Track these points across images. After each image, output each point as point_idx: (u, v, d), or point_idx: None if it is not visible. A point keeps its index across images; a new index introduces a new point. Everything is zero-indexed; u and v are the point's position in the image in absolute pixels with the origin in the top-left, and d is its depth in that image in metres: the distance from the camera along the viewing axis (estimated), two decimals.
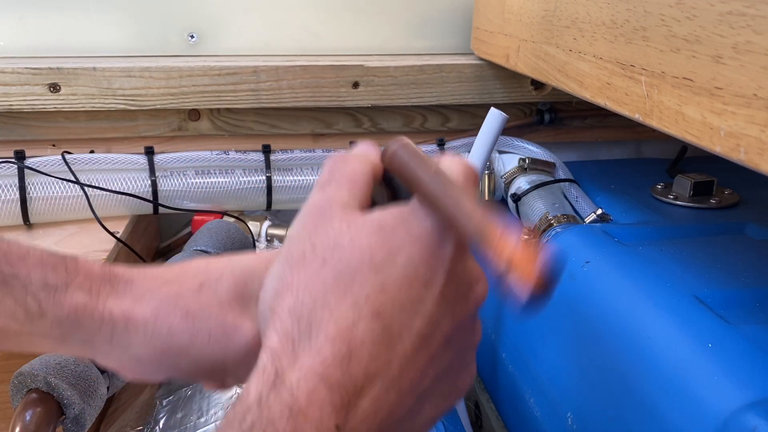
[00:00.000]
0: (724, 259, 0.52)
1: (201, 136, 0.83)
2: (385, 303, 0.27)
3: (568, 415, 0.54)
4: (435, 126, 0.87)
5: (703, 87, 0.34)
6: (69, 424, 0.44)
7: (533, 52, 0.61)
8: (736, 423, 0.36)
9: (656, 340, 0.44)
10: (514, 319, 0.68)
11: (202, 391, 0.52)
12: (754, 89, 0.30)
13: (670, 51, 0.37)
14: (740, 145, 0.31)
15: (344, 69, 0.79)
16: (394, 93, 0.81)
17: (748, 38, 0.30)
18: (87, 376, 0.45)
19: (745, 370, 0.38)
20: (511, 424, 0.73)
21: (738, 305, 0.46)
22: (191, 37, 0.84)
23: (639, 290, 0.49)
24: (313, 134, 0.86)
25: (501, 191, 0.80)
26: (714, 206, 0.64)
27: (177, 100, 0.77)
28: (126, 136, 0.81)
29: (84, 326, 0.32)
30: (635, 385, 0.44)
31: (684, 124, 0.36)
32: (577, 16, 0.50)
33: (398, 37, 0.89)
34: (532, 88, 0.84)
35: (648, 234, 0.58)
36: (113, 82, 0.75)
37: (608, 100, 0.45)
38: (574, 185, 0.73)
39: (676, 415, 0.40)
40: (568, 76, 0.52)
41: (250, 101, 0.78)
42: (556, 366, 0.57)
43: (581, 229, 0.60)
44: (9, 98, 0.74)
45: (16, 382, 0.44)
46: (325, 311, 0.26)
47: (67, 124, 0.79)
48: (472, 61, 0.82)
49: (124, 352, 0.33)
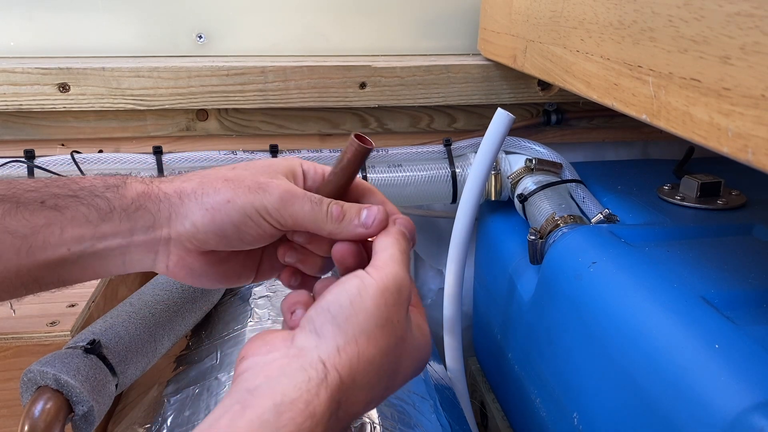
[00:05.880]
0: (731, 261, 0.52)
1: (209, 136, 0.83)
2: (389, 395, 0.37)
3: (574, 415, 0.54)
4: (442, 126, 0.87)
5: (711, 88, 0.34)
6: (78, 422, 0.45)
7: (540, 53, 0.61)
8: (743, 424, 0.36)
9: (663, 341, 0.44)
10: (521, 320, 0.68)
11: (210, 390, 0.53)
12: (762, 90, 0.30)
13: (678, 52, 0.37)
14: (748, 146, 0.31)
15: (351, 69, 0.79)
16: (401, 93, 0.81)
17: (756, 39, 0.30)
18: (96, 374, 0.45)
19: (752, 371, 0.38)
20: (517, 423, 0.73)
21: (745, 306, 0.46)
22: (199, 38, 0.84)
23: (645, 291, 0.49)
24: (321, 134, 0.86)
25: (507, 192, 0.80)
26: (721, 207, 0.64)
27: (185, 100, 0.77)
28: (134, 136, 0.81)
29: (146, 210, 0.38)
30: (641, 386, 0.44)
31: (691, 124, 0.36)
32: (584, 17, 0.50)
33: (405, 37, 0.89)
34: (539, 89, 0.84)
35: (655, 235, 0.58)
36: (122, 82, 0.75)
37: (615, 100, 0.45)
38: (580, 186, 0.73)
39: (683, 416, 0.40)
40: (575, 77, 0.52)
41: (257, 101, 0.79)
42: (562, 366, 0.57)
43: (588, 230, 0.60)
44: (19, 98, 0.74)
45: (25, 379, 0.44)
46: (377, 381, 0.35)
47: (76, 124, 0.80)
48: (478, 62, 0.82)
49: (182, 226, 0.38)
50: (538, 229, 0.65)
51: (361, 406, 0.34)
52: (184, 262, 0.40)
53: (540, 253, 0.64)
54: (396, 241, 0.38)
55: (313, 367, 0.32)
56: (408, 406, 0.53)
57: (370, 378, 0.34)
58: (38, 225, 0.37)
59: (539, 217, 0.68)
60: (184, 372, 0.57)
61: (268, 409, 0.30)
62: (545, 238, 0.64)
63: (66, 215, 0.38)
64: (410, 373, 0.38)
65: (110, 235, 0.38)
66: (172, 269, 0.40)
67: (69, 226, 0.37)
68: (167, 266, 0.40)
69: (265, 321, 0.59)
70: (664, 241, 0.57)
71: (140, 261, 0.40)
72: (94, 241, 0.38)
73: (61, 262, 0.38)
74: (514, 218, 0.80)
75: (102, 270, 0.39)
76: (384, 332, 0.34)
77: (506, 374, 0.73)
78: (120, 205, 0.38)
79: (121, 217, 0.38)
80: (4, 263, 0.36)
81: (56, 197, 0.38)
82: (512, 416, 0.75)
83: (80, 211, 0.38)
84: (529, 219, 0.71)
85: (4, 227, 0.36)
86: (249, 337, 0.56)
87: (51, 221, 0.37)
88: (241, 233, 0.39)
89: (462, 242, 0.70)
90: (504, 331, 0.74)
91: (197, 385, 0.54)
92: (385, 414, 0.50)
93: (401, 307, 0.36)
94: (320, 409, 0.31)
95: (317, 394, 0.31)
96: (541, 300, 0.62)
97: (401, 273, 0.36)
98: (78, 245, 0.38)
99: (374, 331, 0.34)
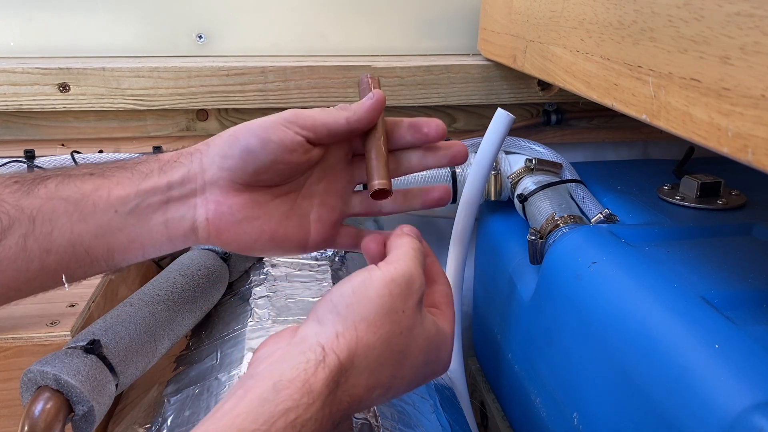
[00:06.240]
0: (731, 260, 0.52)
1: (209, 136, 0.82)
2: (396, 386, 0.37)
3: (574, 416, 0.54)
4: None
5: (711, 88, 0.34)
6: (78, 422, 0.45)
7: (540, 53, 0.61)
8: (743, 424, 0.36)
9: (663, 341, 0.44)
10: (521, 320, 0.68)
11: (210, 390, 0.53)
12: (762, 90, 0.30)
13: (678, 52, 0.37)
14: (748, 146, 0.31)
15: (351, 69, 0.79)
16: (401, 93, 0.81)
17: (756, 39, 0.30)
18: (96, 374, 0.45)
19: (752, 370, 0.38)
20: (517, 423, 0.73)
21: (745, 306, 0.46)
22: (199, 38, 0.84)
23: (645, 291, 0.49)
24: None
25: (507, 192, 0.80)
26: (721, 207, 0.64)
27: (185, 100, 0.77)
28: (134, 136, 0.81)
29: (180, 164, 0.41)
30: (641, 386, 0.44)
31: (691, 125, 0.36)
32: (584, 17, 0.50)
33: (405, 37, 0.89)
34: (539, 89, 0.84)
35: (654, 235, 0.58)
36: (122, 82, 0.75)
37: (615, 100, 0.45)
38: (580, 186, 0.73)
39: (683, 416, 0.40)
40: (575, 77, 0.52)
41: (257, 101, 0.79)
42: (562, 366, 0.57)
43: (588, 230, 0.60)
44: (19, 98, 0.74)
45: (25, 379, 0.44)
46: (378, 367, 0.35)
47: (76, 124, 0.80)
48: (478, 62, 0.82)
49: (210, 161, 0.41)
50: (538, 229, 0.65)
51: (362, 390, 0.34)
52: (223, 208, 0.41)
53: (540, 253, 0.64)
54: (409, 240, 0.40)
55: (312, 351, 0.33)
56: (408, 406, 0.53)
57: (370, 362, 0.34)
58: (87, 190, 0.40)
59: (539, 217, 0.68)
60: (184, 372, 0.57)
61: (267, 389, 0.31)
62: (545, 238, 0.64)
63: (112, 180, 0.40)
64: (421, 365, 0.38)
65: (150, 192, 0.41)
66: (213, 220, 0.41)
67: (115, 188, 0.40)
68: (207, 218, 0.41)
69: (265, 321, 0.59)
70: (664, 241, 0.57)
71: (182, 218, 0.41)
72: (138, 200, 0.40)
73: (108, 227, 0.40)
74: (514, 218, 0.80)
75: (146, 237, 0.41)
76: (386, 320, 0.35)
77: (506, 374, 0.73)
78: (158, 166, 0.41)
79: (159, 173, 0.41)
80: (59, 229, 0.39)
81: (103, 168, 0.41)
82: (512, 416, 0.75)
83: (124, 176, 0.41)
84: (529, 219, 0.71)
85: (58, 194, 0.39)
86: (249, 337, 0.56)
87: (98, 186, 0.40)
88: (267, 146, 0.40)
89: (462, 242, 0.70)
90: (504, 331, 0.74)
91: (197, 385, 0.54)
92: (385, 414, 0.50)
93: (409, 299, 0.36)
94: (318, 386, 0.32)
95: (315, 374, 0.32)
96: (541, 300, 0.62)
97: (411, 267, 0.37)
98: (123, 206, 0.40)
99: (375, 319, 0.35)
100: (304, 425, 0.30)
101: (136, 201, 0.40)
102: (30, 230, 0.38)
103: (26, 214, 0.38)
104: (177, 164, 0.42)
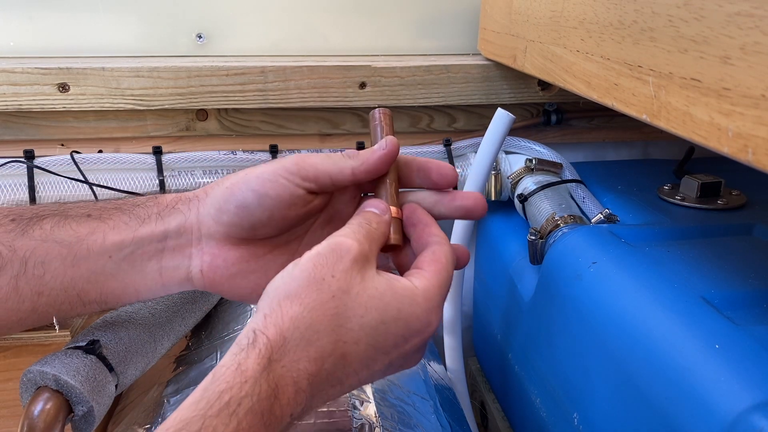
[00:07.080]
0: (731, 260, 0.52)
1: (209, 136, 0.83)
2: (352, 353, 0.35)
3: (574, 416, 0.54)
4: (442, 126, 0.87)
5: (711, 88, 0.34)
6: (78, 422, 0.45)
7: (540, 53, 0.61)
8: (743, 424, 0.36)
9: (663, 341, 0.44)
10: (521, 320, 0.68)
11: None
12: (762, 90, 0.30)
13: (678, 52, 0.37)
14: (748, 146, 0.31)
15: (351, 69, 0.79)
16: (401, 93, 0.81)
17: (756, 39, 0.30)
18: (96, 374, 0.45)
19: (752, 371, 0.38)
20: (517, 424, 0.73)
21: (745, 306, 0.46)
22: (199, 38, 0.84)
23: (646, 291, 0.49)
24: (321, 134, 0.86)
25: (507, 192, 0.80)
26: (721, 207, 0.64)
27: (185, 100, 0.77)
28: (134, 136, 0.81)
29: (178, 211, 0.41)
30: (642, 386, 0.44)
31: (692, 124, 0.36)
32: (584, 17, 0.50)
33: (405, 37, 0.89)
34: (539, 89, 0.84)
35: (655, 235, 0.58)
36: (122, 82, 0.75)
37: (616, 100, 0.45)
38: (580, 186, 0.73)
39: (683, 416, 0.40)
40: (575, 77, 0.52)
41: (257, 101, 0.79)
42: (563, 366, 0.57)
43: (588, 230, 0.60)
44: (18, 98, 0.74)
45: (25, 380, 0.44)
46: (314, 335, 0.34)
47: (76, 124, 0.79)
48: (478, 62, 0.82)
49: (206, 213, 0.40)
50: (538, 229, 0.65)
51: (307, 362, 0.33)
52: (218, 261, 0.41)
53: (540, 253, 0.64)
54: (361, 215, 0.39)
55: (246, 336, 0.33)
56: (408, 406, 0.53)
57: (303, 332, 0.34)
58: (83, 234, 0.39)
59: (539, 217, 0.68)
60: (184, 372, 0.57)
61: (208, 378, 0.32)
62: (545, 238, 0.64)
63: (108, 224, 0.40)
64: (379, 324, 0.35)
65: (146, 240, 0.40)
66: (208, 273, 0.41)
67: (110, 233, 0.40)
68: (202, 270, 0.41)
69: None
70: (664, 241, 0.57)
71: (176, 268, 0.41)
72: (134, 247, 0.40)
73: (102, 273, 0.39)
74: (514, 218, 0.80)
75: (140, 283, 0.40)
76: (311, 290, 0.34)
77: (506, 374, 0.73)
78: (156, 211, 0.41)
79: (156, 220, 0.40)
80: (51, 273, 0.38)
81: (101, 210, 0.41)
82: (512, 416, 0.75)
83: (122, 220, 0.40)
84: (529, 219, 0.71)
85: (52, 237, 0.39)
86: None
87: (94, 230, 0.39)
88: (264, 202, 0.39)
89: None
90: (504, 331, 0.74)
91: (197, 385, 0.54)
92: (385, 414, 0.50)
93: (338, 264, 0.35)
94: (250, 365, 0.32)
95: (247, 356, 0.32)
96: (541, 300, 0.62)
97: (341, 239, 0.36)
98: (118, 252, 0.39)
99: (298, 291, 0.34)
100: (239, 403, 0.31)
101: (132, 248, 0.40)
102: (21, 272, 0.38)
103: (19, 255, 0.38)
104: (175, 211, 0.41)
